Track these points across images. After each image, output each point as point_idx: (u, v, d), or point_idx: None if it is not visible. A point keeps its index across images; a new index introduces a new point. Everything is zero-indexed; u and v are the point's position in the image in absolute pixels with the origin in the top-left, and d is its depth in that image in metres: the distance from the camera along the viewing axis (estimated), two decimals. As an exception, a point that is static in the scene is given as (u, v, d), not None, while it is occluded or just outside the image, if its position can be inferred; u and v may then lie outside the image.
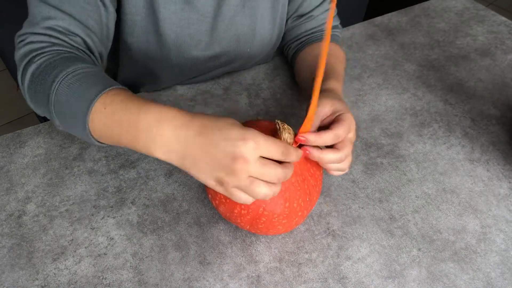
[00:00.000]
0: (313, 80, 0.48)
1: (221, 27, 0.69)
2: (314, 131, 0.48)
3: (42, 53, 0.50)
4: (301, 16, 0.74)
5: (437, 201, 0.60)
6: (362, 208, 0.59)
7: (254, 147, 0.39)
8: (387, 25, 0.92)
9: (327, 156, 0.48)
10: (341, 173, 0.52)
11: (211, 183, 0.42)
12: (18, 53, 0.53)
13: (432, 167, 0.64)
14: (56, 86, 0.47)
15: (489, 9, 0.96)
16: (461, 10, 0.96)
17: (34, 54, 0.50)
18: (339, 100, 0.53)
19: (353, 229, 0.56)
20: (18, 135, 0.68)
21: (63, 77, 0.47)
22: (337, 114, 0.51)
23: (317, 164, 0.51)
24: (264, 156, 0.41)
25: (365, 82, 0.78)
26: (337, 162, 0.49)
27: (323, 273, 0.52)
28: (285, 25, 0.76)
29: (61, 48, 0.51)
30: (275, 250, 0.54)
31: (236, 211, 0.49)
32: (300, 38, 0.76)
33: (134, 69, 0.76)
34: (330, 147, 0.50)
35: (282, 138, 0.45)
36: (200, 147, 0.41)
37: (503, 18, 0.93)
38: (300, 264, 0.53)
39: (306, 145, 0.48)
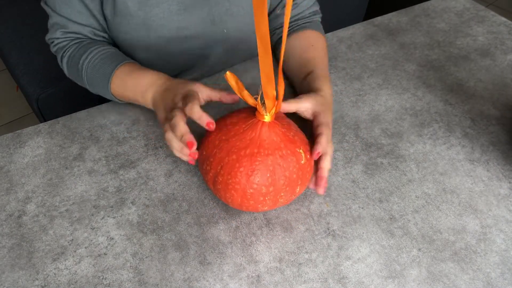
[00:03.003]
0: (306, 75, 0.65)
1: (193, 7, 0.70)
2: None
3: (67, 48, 0.70)
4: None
5: (437, 201, 0.60)
6: (362, 208, 0.59)
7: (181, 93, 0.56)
8: (387, 25, 0.92)
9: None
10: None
11: (162, 123, 0.58)
12: (52, 50, 0.74)
13: (432, 167, 0.64)
14: (85, 70, 0.68)
15: (489, 10, 0.96)
16: (461, 10, 0.96)
17: (63, 51, 0.71)
18: (321, 102, 0.60)
19: (353, 229, 0.56)
20: (18, 135, 0.68)
21: (88, 62, 0.67)
22: (317, 125, 0.57)
23: (294, 150, 0.52)
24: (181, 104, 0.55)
25: (365, 82, 0.78)
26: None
27: (323, 273, 0.52)
28: (272, 13, 0.79)
29: (79, 40, 0.70)
30: (275, 250, 0.54)
31: (204, 167, 0.53)
32: (277, 30, 0.78)
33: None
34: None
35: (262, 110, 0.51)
36: (160, 99, 0.60)
37: (503, 19, 0.93)
38: (300, 264, 0.53)
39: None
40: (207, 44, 0.76)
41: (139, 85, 0.63)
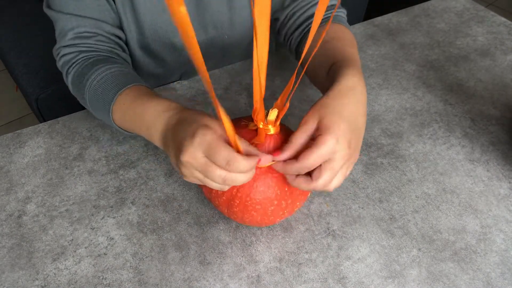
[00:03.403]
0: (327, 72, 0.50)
1: (197, 14, 0.70)
2: (285, 155, 0.44)
3: (73, 63, 0.62)
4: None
5: (437, 201, 0.60)
6: (362, 208, 0.59)
7: (198, 144, 0.41)
8: (387, 25, 0.92)
9: (297, 185, 0.45)
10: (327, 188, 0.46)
11: (176, 169, 0.46)
12: (58, 65, 0.64)
13: (432, 167, 0.64)
14: (87, 93, 0.59)
15: (488, 10, 0.96)
16: (461, 10, 0.96)
17: (68, 66, 0.62)
18: (325, 104, 0.45)
19: (353, 229, 0.56)
20: (18, 135, 0.68)
21: (90, 85, 0.58)
22: (319, 134, 0.43)
23: None
24: (208, 157, 0.42)
25: (365, 82, 0.78)
26: (313, 189, 0.45)
27: (323, 273, 0.52)
28: (282, 15, 0.70)
29: (87, 54, 0.62)
30: (275, 250, 0.54)
31: (213, 191, 0.50)
32: (301, 26, 0.67)
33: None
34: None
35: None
36: (172, 137, 0.46)
37: (503, 19, 0.93)
38: (300, 264, 0.53)
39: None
40: (207, 49, 0.76)
41: (142, 119, 0.52)
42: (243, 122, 0.50)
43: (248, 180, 0.44)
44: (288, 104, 0.45)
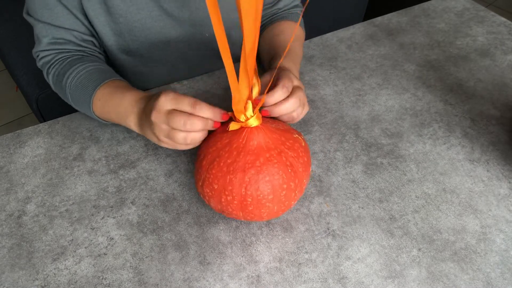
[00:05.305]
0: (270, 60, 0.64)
1: (174, 12, 0.70)
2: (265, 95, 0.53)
3: (52, 64, 0.68)
4: None
5: (437, 201, 0.60)
6: (362, 208, 0.59)
7: (164, 100, 0.50)
8: (387, 25, 0.92)
9: (283, 108, 0.53)
10: (295, 119, 0.56)
11: (154, 139, 0.55)
12: (38, 65, 0.70)
13: (432, 167, 0.64)
14: (69, 90, 0.65)
15: (488, 10, 0.96)
16: (461, 10, 0.96)
17: (48, 66, 0.68)
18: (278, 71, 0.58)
19: (353, 229, 0.56)
20: (18, 135, 0.68)
21: (71, 81, 0.64)
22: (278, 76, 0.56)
23: (293, 137, 0.52)
24: (175, 108, 0.50)
25: (365, 82, 0.78)
26: (292, 109, 0.54)
27: (323, 273, 0.52)
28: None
29: (64, 55, 0.67)
30: (275, 250, 0.54)
31: (223, 199, 0.50)
32: (265, 20, 0.79)
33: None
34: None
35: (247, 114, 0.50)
36: (144, 113, 0.55)
37: (503, 19, 0.93)
38: (300, 264, 0.53)
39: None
40: (190, 48, 0.76)
41: (120, 110, 0.60)
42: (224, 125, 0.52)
43: (209, 126, 0.50)
44: (263, 98, 0.50)
